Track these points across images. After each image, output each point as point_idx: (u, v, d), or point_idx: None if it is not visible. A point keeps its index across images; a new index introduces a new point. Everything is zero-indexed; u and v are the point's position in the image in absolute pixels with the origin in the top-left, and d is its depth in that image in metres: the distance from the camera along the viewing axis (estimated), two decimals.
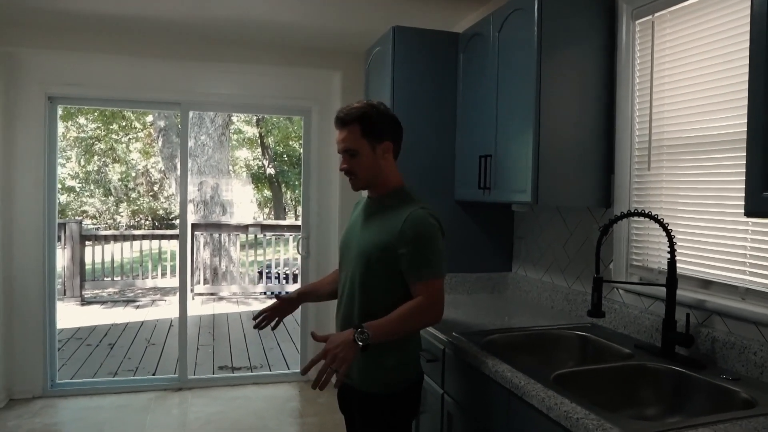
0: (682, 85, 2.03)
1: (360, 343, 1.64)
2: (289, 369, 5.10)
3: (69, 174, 20.37)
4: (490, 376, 1.78)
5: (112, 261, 8.40)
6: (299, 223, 4.95)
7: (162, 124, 10.60)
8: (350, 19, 3.65)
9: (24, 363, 4.16)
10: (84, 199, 21.97)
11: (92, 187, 22.19)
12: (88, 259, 8.18)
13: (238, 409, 4.09)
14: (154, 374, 5.04)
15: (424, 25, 3.12)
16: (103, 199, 22.70)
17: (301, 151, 4.85)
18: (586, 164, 2.32)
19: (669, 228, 1.86)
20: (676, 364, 1.78)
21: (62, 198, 21.00)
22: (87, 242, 8.05)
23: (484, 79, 2.66)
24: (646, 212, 1.88)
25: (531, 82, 2.25)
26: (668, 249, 1.86)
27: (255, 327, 2.11)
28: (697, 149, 1.96)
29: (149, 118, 14.25)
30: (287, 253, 9.02)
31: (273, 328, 2.14)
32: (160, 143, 11.01)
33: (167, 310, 7.70)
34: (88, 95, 4.30)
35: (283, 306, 2.14)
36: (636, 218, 2.15)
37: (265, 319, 2.11)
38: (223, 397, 4.31)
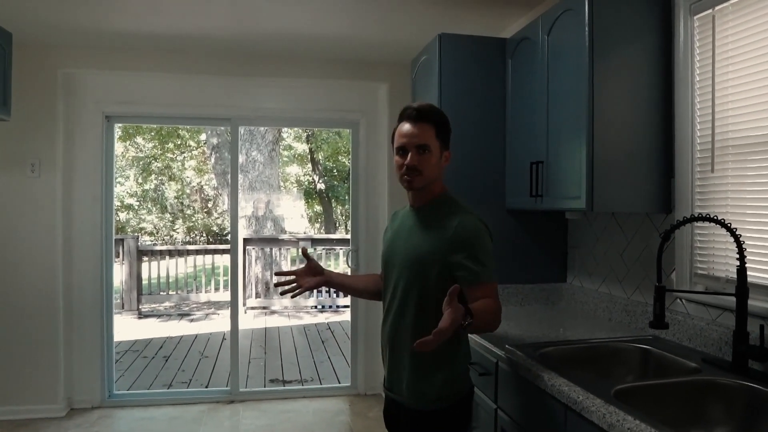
0: (748, 81, 1.91)
1: (465, 325, 1.56)
2: (339, 382, 5.07)
3: (128, 192, 21.18)
4: (546, 390, 1.69)
5: (168, 276, 8.62)
6: (349, 236, 4.94)
7: (215, 141, 10.87)
8: (395, 29, 3.64)
9: (84, 374, 4.28)
10: (142, 216, 22.78)
11: (149, 205, 22.99)
12: (144, 274, 8.40)
13: (288, 423, 4.08)
14: (206, 386, 5.10)
15: (471, 32, 3.08)
16: (159, 216, 23.46)
17: (351, 166, 4.85)
18: (643, 168, 2.21)
19: (738, 233, 1.74)
20: (749, 380, 1.65)
21: (122, 215, 21.84)
22: (144, 257, 8.29)
23: (534, 84, 2.59)
24: (713, 217, 1.76)
25: (583, 85, 2.16)
26: (737, 256, 1.73)
27: (276, 285, 2.07)
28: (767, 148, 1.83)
29: (203, 137, 14.65)
30: (338, 267, 9.06)
31: (292, 297, 2.07)
32: (212, 160, 11.29)
33: (220, 323, 7.82)
34: (143, 113, 4.43)
35: (308, 274, 2.07)
36: (700, 224, 2.02)
37: (287, 283, 2.06)
38: (273, 410, 4.31)
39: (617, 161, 2.17)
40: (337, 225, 21.73)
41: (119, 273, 8.00)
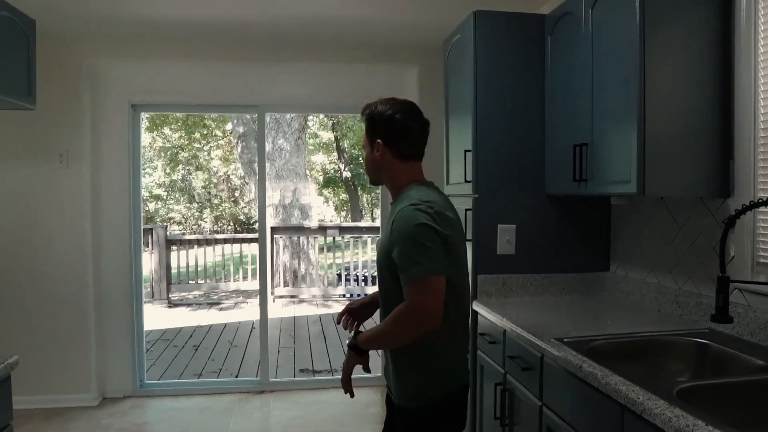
0: None
1: (349, 348, 1.79)
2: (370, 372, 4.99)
3: (156, 183, 21.42)
4: (599, 389, 1.57)
5: (196, 265, 8.65)
6: (377, 224, 4.84)
7: (241, 130, 10.85)
8: (425, 9, 3.50)
9: (115, 364, 4.28)
10: (170, 206, 23.04)
11: (177, 195, 23.23)
12: (174, 263, 8.44)
13: (318, 414, 4.02)
14: (236, 376, 5.07)
15: (506, 8, 2.92)
16: (187, 205, 23.71)
17: None
18: (699, 149, 2.05)
19: None
20: None
21: (150, 205, 22.12)
22: (173, 247, 8.32)
23: (577, 62, 2.44)
24: None
25: (633, 61, 2.01)
26: None
27: (344, 327, 2.05)
28: None
29: (228, 126, 14.67)
30: (366, 255, 8.98)
31: (352, 331, 1.98)
32: (239, 149, 11.28)
33: (249, 312, 7.82)
34: (169, 101, 4.38)
35: (357, 310, 2.04)
36: (764, 209, 1.87)
37: (346, 321, 2.04)
38: (303, 401, 4.25)
39: (671, 142, 2.02)
40: (363, 213, 21.74)
41: (149, 262, 8.04)
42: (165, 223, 13.87)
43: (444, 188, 3.26)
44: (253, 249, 8.74)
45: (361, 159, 20.69)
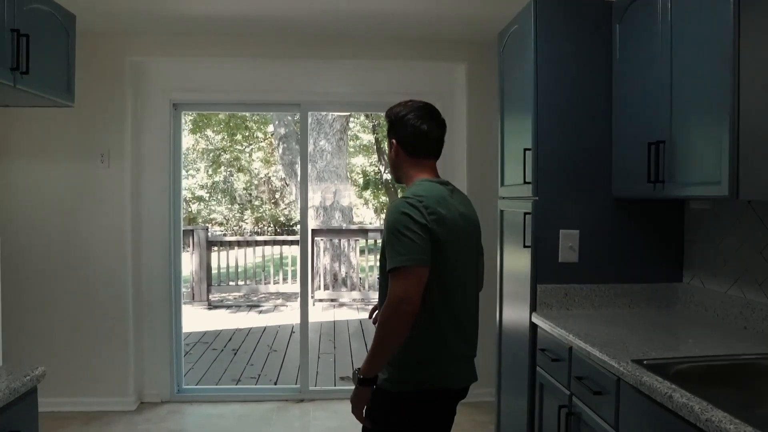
0: None
1: (357, 384, 1.75)
2: None
3: (198, 184, 21.73)
4: (696, 424, 1.34)
5: (237, 266, 8.61)
6: None
7: (282, 131, 10.81)
8: (474, 2, 3.29)
9: (153, 367, 4.19)
10: (212, 207, 23.35)
11: (219, 196, 23.53)
12: (214, 264, 8.41)
13: (359, 426, 3.84)
14: (275, 382, 4.95)
15: None
16: (229, 206, 24.00)
17: None
18: None
19: None
20: None
21: (193, 206, 22.45)
22: (213, 248, 8.29)
23: (652, 51, 2.19)
24: None
25: (725, 46, 1.76)
26: None
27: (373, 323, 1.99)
28: None
29: (270, 128, 14.70)
30: None
31: None
32: (280, 150, 11.24)
33: (289, 315, 7.71)
34: (210, 100, 4.28)
35: None
36: None
37: (377, 317, 1.94)
38: (343, 411, 4.06)
39: None
40: None
41: (189, 264, 8.03)
42: (206, 225, 13.96)
43: (499, 190, 3.05)
44: (293, 251, 8.66)
45: None
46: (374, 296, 8.62)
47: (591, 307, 2.51)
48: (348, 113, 9.28)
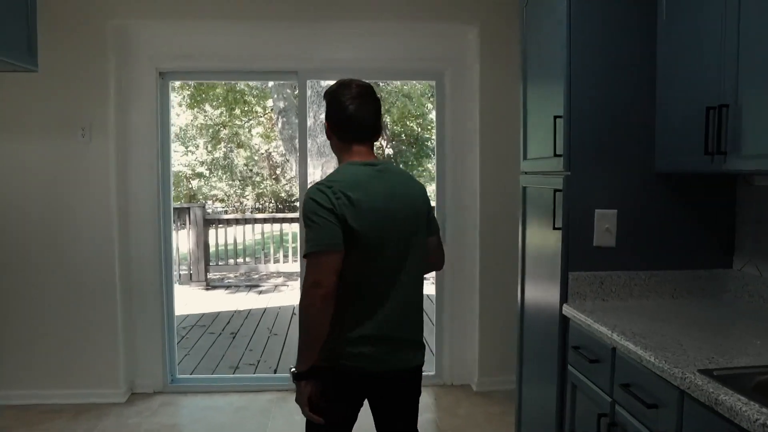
0: None
1: (294, 381, 1.76)
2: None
3: (198, 160, 21.42)
4: None
5: (235, 245, 8.32)
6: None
7: (281, 105, 10.44)
8: None
9: (145, 356, 3.93)
10: (213, 184, 23.08)
11: (220, 173, 23.24)
12: (212, 243, 8.12)
13: (365, 418, 3.57)
14: (275, 370, 4.69)
15: None
16: (230, 183, 23.72)
17: (419, 130, 4.21)
18: None
19: None
20: None
21: (194, 183, 22.16)
22: (211, 226, 7.98)
23: (712, 1, 1.85)
24: None
25: None
26: None
27: None
28: None
29: (269, 103, 14.33)
30: None
31: None
32: (279, 125, 10.90)
33: (290, 296, 7.45)
34: (201, 67, 3.94)
35: None
36: None
37: None
38: None
39: None
40: None
41: (186, 243, 7.75)
42: (203, 202, 13.67)
43: (521, 164, 2.73)
44: (294, 228, 8.36)
45: (403, 135, 20.21)
46: None
47: (629, 297, 2.20)
48: None
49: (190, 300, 7.10)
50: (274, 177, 22.08)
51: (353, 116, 1.81)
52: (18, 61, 2.21)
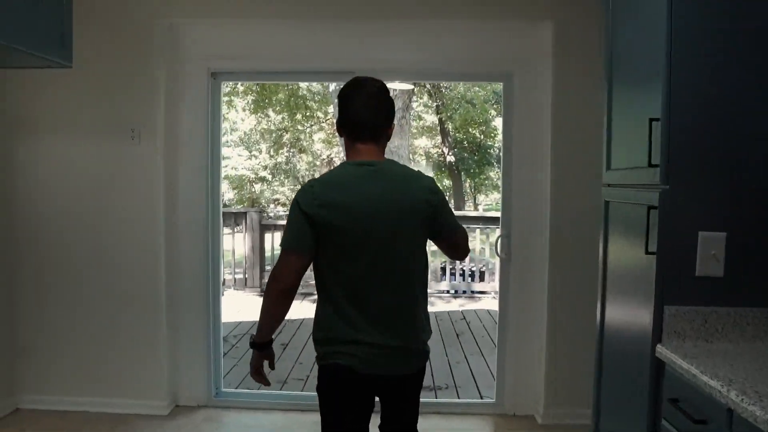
0: None
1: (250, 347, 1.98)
2: (481, 396, 4.19)
3: (261, 165, 21.78)
4: None
5: None
6: (489, 214, 3.99)
7: None
8: None
9: (190, 367, 3.77)
10: (275, 188, 23.39)
11: (282, 177, 23.56)
12: (268, 247, 8.00)
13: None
14: None
15: None
16: (292, 187, 24.00)
17: (482, 137, 3.88)
18: None
19: None
20: None
21: (257, 186, 22.54)
22: (267, 231, 7.86)
23: None
24: None
25: None
26: None
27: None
28: None
29: (330, 109, 14.34)
30: (474, 249, 8.10)
31: None
32: None
33: None
34: (253, 68, 3.77)
35: None
36: None
37: None
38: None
39: None
40: (466, 199, 20.99)
41: (242, 247, 7.68)
42: (260, 206, 13.72)
43: (603, 176, 2.37)
44: None
45: (465, 143, 19.85)
46: (437, 287, 7.98)
47: (741, 339, 1.81)
48: (411, 86, 8.55)
49: (243, 306, 6.99)
50: None
51: (351, 115, 1.83)
52: (50, 55, 2.08)
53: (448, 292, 7.88)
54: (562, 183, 3.41)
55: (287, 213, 1.81)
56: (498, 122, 25.10)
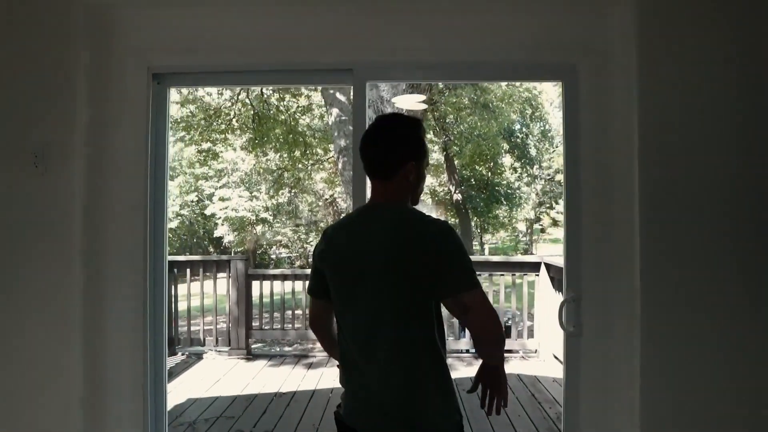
0: None
1: None
2: None
3: (262, 206, 20.94)
4: None
5: (283, 305, 7.04)
6: (514, 259, 2.88)
7: (342, 143, 9.31)
8: None
9: None
10: (277, 230, 22.45)
11: (284, 218, 22.68)
12: (256, 302, 6.86)
13: None
14: None
15: None
16: (294, 228, 23.10)
17: (489, 174, 2.78)
18: None
19: None
20: None
21: (258, 228, 21.64)
22: (254, 281, 6.72)
23: None
24: None
25: None
26: None
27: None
28: None
29: (331, 147, 13.54)
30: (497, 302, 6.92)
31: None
32: (340, 165, 9.75)
33: None
34: (212, 66, 2.70)
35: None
36: None
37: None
38: None
39: None
40: (473, 239, 20.18)
41: (226, 302, 6.55)
42: (246, 254, 12.69)
43: None
44: None
45: (473, 180, 18.90)
46: (456, 346, 6.78)
47: None
48: (427, 86, 7.38)
49: (225, 375, 5.83)
50: None
51: (361, 153, 1.81)
52: None
53: (467, 351, 6.67)
54: (658, 214, 2.31)
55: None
56: (506, 160, 24.28)
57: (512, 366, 6.08)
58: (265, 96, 13.33)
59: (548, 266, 6.28)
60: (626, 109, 2.40)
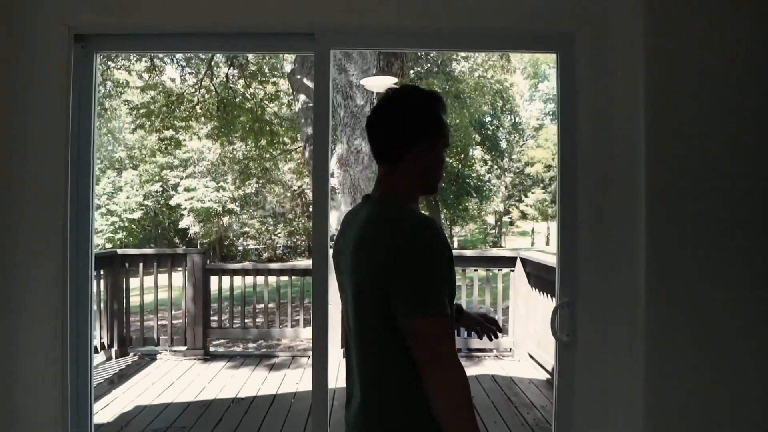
0: None
1: None
2: None
3: (229, 197, 20.39)
4: None
5: (244, 301, 6.61)
6: (491, 253, 2.58)
7: (309, 131, 8.90)
8: None
9: None
10: (244, 221, 21.91)
11: (251, 209, 22.13)
12: (214, 299, 6.41)
13: None
14: None
15: None
16: (261, 219, 22.57)
17: (459, 166, 2.44)
18: None
19: None
20: None
21: (225, 219, 21.10)
22: (213, 276, 6.27)
23: None
24: None
25: None
26: None
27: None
28: None
29: (299, 135, 13.07)
30: (460, 297, 6.61)
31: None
32: (306, 154, 9.34)
33: (309, 372, 5.66)
34: (146, 27, 2.28)
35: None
36: None
37: None
38: None
39: None
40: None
41: (183, 300, 6.10)
42: (204, 247, 12.23)
43: None
44: None
45: (449, 167, 18.59)
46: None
47: None
48: (399, 70, 7.04)
49: (179, 378, 5.39)
50: (307, 215, 21.14)
51: (367, 134, 1.60)
52: None
53: (460, 350, 6.35)
54: (666, 208, 1.99)
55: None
56: (477, 152, 24.07)
57: (486, 366, 5.79)
58: (230, 81, 12.79)
59: (524, 261, 5.99)
60: (630, 87, 2.07)
